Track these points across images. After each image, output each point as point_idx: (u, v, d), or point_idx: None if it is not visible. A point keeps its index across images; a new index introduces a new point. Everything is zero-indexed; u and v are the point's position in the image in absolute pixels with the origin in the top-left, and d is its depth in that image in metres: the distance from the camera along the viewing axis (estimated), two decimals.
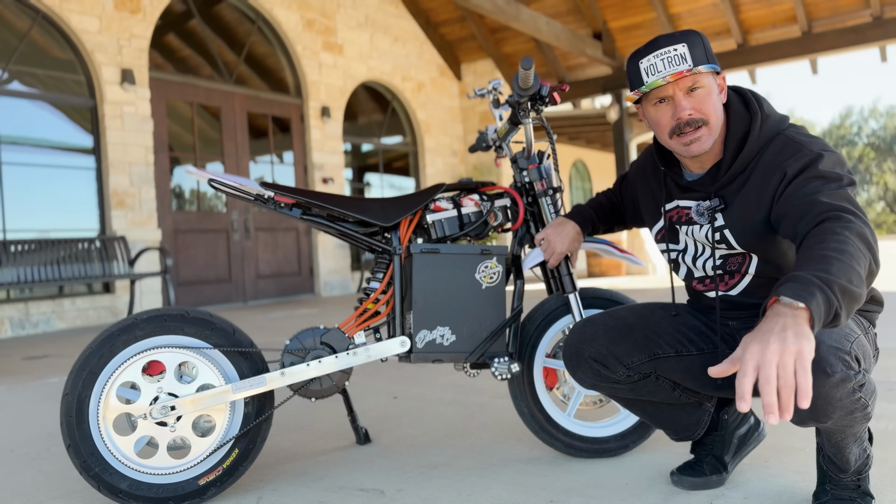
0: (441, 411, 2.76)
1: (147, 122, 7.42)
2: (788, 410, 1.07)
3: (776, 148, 1.54)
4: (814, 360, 1.31)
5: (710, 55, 1.58)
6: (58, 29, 6.94)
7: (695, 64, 1.53)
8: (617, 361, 1.70)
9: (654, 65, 1.56)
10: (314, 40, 9.44)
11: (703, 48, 1.55)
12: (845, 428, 1.42)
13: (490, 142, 2.30)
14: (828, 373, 1.31)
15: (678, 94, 1.56)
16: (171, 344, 1.80)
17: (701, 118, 1.56)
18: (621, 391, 1.77)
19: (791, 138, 1.54)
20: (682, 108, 1.55)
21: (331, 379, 1.94)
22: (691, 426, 1.84)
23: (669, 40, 1.56)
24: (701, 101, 1.56)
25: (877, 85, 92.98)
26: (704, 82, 1.56)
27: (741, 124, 1.61)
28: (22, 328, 6.46)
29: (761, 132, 1.58)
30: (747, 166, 1.58)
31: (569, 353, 1.77)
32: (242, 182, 1.95)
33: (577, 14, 10.31)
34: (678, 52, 1.54)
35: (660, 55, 1.55)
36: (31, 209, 6.69)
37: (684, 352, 1.71)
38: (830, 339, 1.35)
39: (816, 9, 9.24)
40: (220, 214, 8.35)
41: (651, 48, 1.57)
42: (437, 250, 1.93)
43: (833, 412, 1.35)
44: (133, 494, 1.75)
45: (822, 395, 1.32)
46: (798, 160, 1.48)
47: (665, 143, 1.64)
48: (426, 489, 1.87)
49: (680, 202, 1.73)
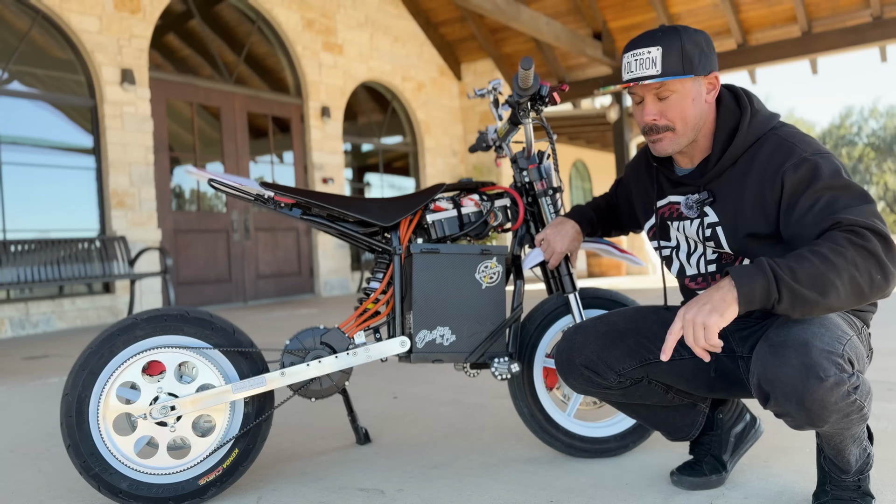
0: (441, 411, 2.76)
1: (147, 122, 7.42)
2: (705, 358, 1.38)
3: (770, 147, 1.54)
4: (807, 365, 1.31)
5: (690, 56, 1.53)
6: (58, 29, 6.94)
7: (663, 72, 1.52)
8: (608, 368, 1.70)
9: (630, 63, 1.57)
10: (314, 40, 9.44)
11: (678, 54, 1.52)
12: (843, 430, 1.42)
13: (490, 142, 2.30)
14: (821, 377, 1.30)
15: (647, 98, 1.58)
16: (171, 344, 1.80)
17: (665, 125, 1.58)
18: (613, 396, 1.77)
19: (783, 138, 1.54)
20: (647, 113, 1.58)
21: (331, 379, 1.94)
22: (686, 427, 1.84)
23: (649, 40, 1.54)
24: (669, 107, 1.56)
25: (877, 85, 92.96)
26: (676, 87, 1.55)
27: (730, 119, 1.61)
28: (22, 328, 6.46)
29: (750, 127, 1.58)
30: (737, 160, 1.58)
31: (560, 360, 1.77)
32: (242, 182, 1.95)
33: (577, 14, 10.31)
34: (650, 56, 1.53)
35: (636, 54, 1.56)
36: (31, 209, 6.69)
37: (676, 356, 1.70)
38: (822, 342, 1.34)
39: (816, 9, 9.24)
40: (220, 214, 8.35)
41: (634, 44, 1.57)
42: (437, 250, 1.93)
43: (829, 416, 1.34)
44: (133, 494, 1.75)
45: (817, 400, 1.31)
46: (797, 169, 1.47)
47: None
48: (426, 489, 1.87)
49: (671, 197, 1.73)
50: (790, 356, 1.33)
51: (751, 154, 1.57)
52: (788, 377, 1.33)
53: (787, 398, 1.33)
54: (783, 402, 1.35)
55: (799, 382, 1.31)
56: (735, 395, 1.74)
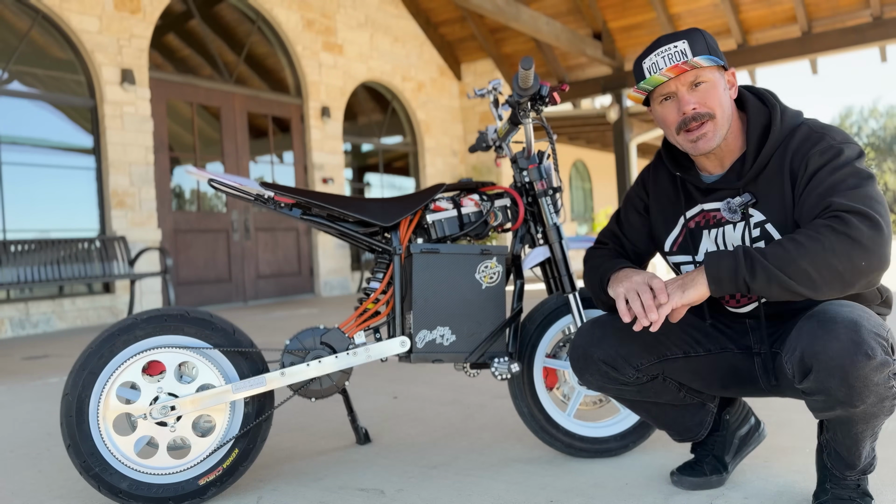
0: (441, 411, 2.76)
1: (147, 122, 7.42)
2: (628, 321, 1.52)
3: (801, 136, 1.55)
4: (856, 342, 1.33)
5: (714, 49, 1.57)
6: (58, 29, 6.94)
7: (694, 55, 1.54)
8: (626, 363, 1.69)
9: (656, 63, 1.57)
10: (314, 40, 9.44)
11: (704, 43, 1.56)
12: (870, 418, 1.42)
13: (490, 142, 2.30)
14: (869, 355, 1.32)
15: (681, 90, 1.56)
16: (171, 344, 1.80)
17: (706, 112, 1.56)
18: (628, 393, 1.76)
19: (813, 129, 1.56)
20: (686, 103, 1.56)
21: (331, 379, 1.94)
22: (695, 426, 1.84)
23: (671, 38, 1.57)
24: (705, 95, 1.56)
25: (877, 85, 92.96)
26: (708, 76, 1.56)
27: (761, 116, 1.61)
28: (22, 328, 6.46)
29: (783, 122, 1.58)
30: (772, 157, 1.57)
31: (577, 355, 1.75)
32: (242, 182, 1.95)
33: (577, 14, 10.31)
34: (678, 49, 1.55)
35: (661, 53, 1.57)
36: (31, 209, 6.69)
37: (692, 353, 1.71)
38: (870, 324, 1.36)
39: (816, 9, 9.24)
40: (220, 214, 8.35)
41: (653, 48, 1.59)
42: (437, 250, 1.93)
43: (868, 396, 1.36)
44: (133, 494, 1.75)
45: (862, 377, 1.33)
46: (821, 154, 1.50)
47: (674, 141, 1.64)
48: (426, 489, 1.87)
49: (705, 205, 1.68)
50: (840, 331, 1.35)
51: (783, 148, 1.57)
52: (836, 351, 1.34)
53: (831, 372, 1.35)
54: (825, 377, 1.36)
55: (847, 357, 1.33)
56: (747, 393, 1.74)
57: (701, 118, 1.56)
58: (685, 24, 9.95)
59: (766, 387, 1.68)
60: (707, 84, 1.56)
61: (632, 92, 1.67)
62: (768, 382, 1.67)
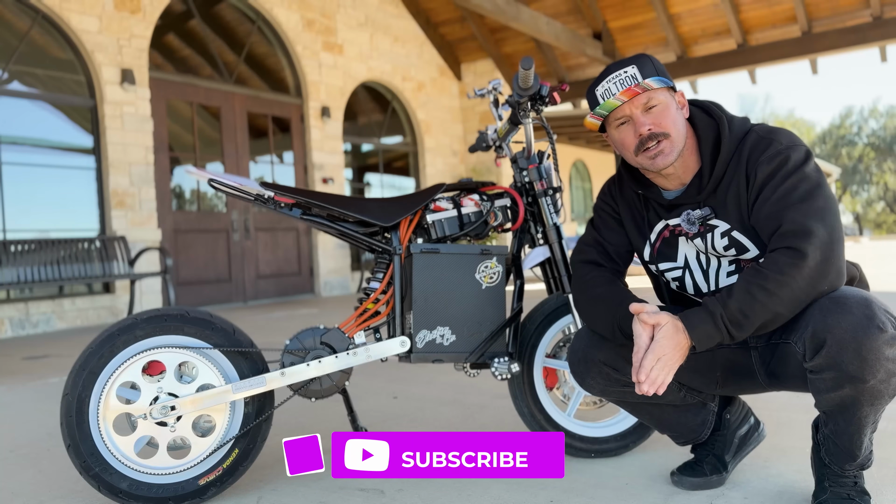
0: (441, 411, 2.76)
1: (147, 122, 7.42)
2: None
3: (751, 143, 1.61)
4: (868, 316, 1.40)
5: (662, 71, 1.63)
6: (58, 29, 6.93)
7: (644, 78, 1.59)
8: (627, 363, 1.70)
9: (608, 89, 1.63)
10: (314, 40, 9.44)
11: (652, 66, 1.62)
12: (875, 398, 1.44)
13: (490, 142, 2.30)
14: (881, 328, 1.38)
15: (635, 113, 1.62)
16: (171, 344, 1.80)
17: (662, 132, 1.61)
18: (630, 395, 1.77)
19: (761, 135, 1.61)
20: (642, 124, 1.61)
21: (331, 379, 1.94)
22: (697, 426, 1.85)
23: (620, 65, 1.63)
24: (659, 116, 1.61)
25: (877, 85, 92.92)
26: (660, 98, 1.61)
27: (710, 131, 1.66)
28: (22, 328, 6.46)
29: (731, 132, 1.63)
30: (727, 168, 1.62)
31: (577, 359, 1.76)
32: (242, 182, 1.95)
33: (577, 14, 10.31)
34: (628, 73, 1.61)
35: (612, 79, 1.62)
36: (31, 209, 6.69)
37: (690, 350, 1.71)
38: (878, 302, 1.44)
39: (816, 9, 9.24)
40: (220, 214, 8.35)
41: (604, 75, 1.64)
42: (437, 250, 1.93)
43: (879, 370, 1.39)
44: (133, 494, 1.75)
45: (874, 349, 1.38)
46: (769, 162, 1.55)
47: (633, 163, 1.69)
48: (426, 489, 1.87)
49: (670, 221, 1.72)
50: (853, 306, 1.41)
51: (736, 156, 1.62)
52: (850, 324, 1.40)
53: (844, 345, 1.40)
54: (837, 351, 1.40)
55: (860, 330, 1.39)
56: (745, 389, 1.76)
57: (657, 137, 1.61)
58: (685, 25, 9.96)
59: (763, 381, 1.70)
60: (659, 106, 1.61)
61: (588, 118, 1.71)
62: (766, 376, 1.68)
